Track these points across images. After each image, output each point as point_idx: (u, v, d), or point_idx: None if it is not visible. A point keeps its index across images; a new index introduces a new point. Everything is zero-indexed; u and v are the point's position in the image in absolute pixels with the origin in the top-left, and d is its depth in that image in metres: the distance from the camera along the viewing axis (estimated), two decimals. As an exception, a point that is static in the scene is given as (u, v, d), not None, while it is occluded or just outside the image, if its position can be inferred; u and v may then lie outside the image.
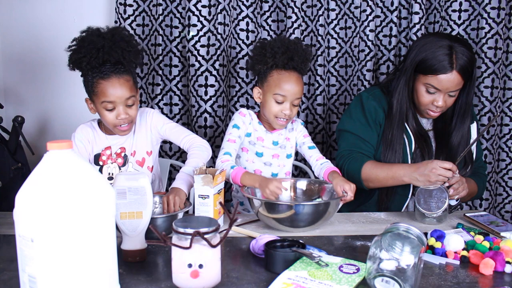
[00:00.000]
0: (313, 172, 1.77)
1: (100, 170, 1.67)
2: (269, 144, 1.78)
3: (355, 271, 1.11)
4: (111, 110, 1.58)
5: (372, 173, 1.70)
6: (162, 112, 2.28)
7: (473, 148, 1.83)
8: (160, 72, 2.26)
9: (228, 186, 2.03)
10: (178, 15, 2.22)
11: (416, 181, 1.59)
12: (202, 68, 2.19)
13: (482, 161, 1.95)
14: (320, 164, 1.71)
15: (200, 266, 1.01)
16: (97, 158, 1.67)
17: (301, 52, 1.72)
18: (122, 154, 1.69)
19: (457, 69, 1.63)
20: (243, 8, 2.22)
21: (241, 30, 2.23)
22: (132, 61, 1.61)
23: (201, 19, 2.15)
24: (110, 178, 1.66)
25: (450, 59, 1.62)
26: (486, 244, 1.28)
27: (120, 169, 1.68)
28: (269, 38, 2.25)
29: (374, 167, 1.70)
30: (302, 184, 1.66)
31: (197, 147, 1.65)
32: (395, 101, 1.76)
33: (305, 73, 1.79)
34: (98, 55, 1.56)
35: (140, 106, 1.79)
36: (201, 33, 2.16)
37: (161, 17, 2.21)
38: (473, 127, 1.81)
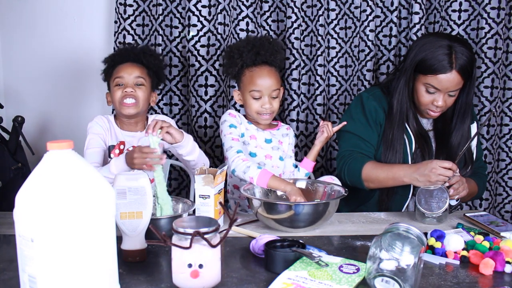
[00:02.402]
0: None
1: None
2: (262, 143, 1.79)
3: (355, 271, 1.11)
4: (120, 86, 1.74)
5: (373, 174, 1.70)
6: (162, 112, 2.29)
7: (473, 148, 1.83)
8: (160, 72, 2.26)
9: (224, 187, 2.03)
10: (178, 15, 2.22)
11: (416, 182, 1.59)
12: (202, 68, 2.19)
13: (482, 161, 1.95)
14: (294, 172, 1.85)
15: (200, 266, 1.02)
16: (109, 150, 1.73)
17: (267, 45, 1.77)
18: None
19: (457, 68, 1.63)
20: (243, 8, 2.22)
21: (241, 30, 2.23)
22: (151, 62, 1.82)
23: (201, 19, 2.15)
24: None
25: (449, 59, 1.62)
26: (486, 244, 1.28)
27: None
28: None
29: (374, 168, 1.70)
30: (301, 184, 1.66)
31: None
32: (395, 101, 1.76)
33: (277, 64, 1.84)
34: (121, 53, 1.83)
35: None
36: (201, 33, 2.16)
37: (161, 17, 2.20)
38: (473, 127, 1.81)
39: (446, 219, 1.56)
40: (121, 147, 1.73)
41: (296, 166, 1.86)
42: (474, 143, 1.83)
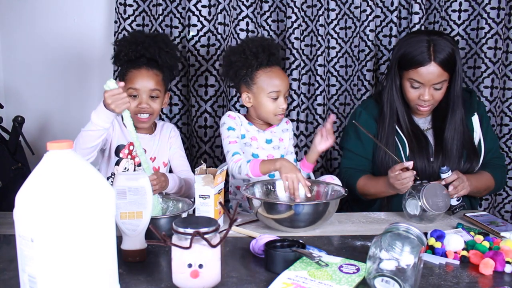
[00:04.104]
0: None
1: (118, 162, 1.73)
2: (263, 143, 1.79)
3: (355, 271, 1.11)
4: (134, 97, 1.68)
5: (365, 190, 1.78)
6: (162, 112, 2.28)
7: (477, 141, 1.80)
8: (160, 72, 2.26)
9: (226, 187, 2.03)
10: (178, 15, 2.22)
11: (397, 191, 1.62)
12: (202, 68, 2.19)
13: (497, 151, 1.90)
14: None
15: (200, 266, 1.02)
16: (119, 150, 1.72)
17: (274, 46, 1.80)
18: None
19: (436, 60, 1.65)
20: (243, 8, 2.22)
21: (241, 30, 2.23)
22: (167, 61, 1.74)
23: (201, 19, 2.15)
24: None
25: (428, 51, 1.66)
26: (486, 244, 1.28)
27: (135, 167, 1.75)
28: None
29: (365, 184, 1.78)
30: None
31: (189, 181, 1.74)
32: (385, 100, 1.79)
33: (281, 64, 1.84)
34: (137, 49, 1.70)
35: None
36: (201, 33, 2.16)
37: (161, 17, 2.20)
38: (475, 119, 1.80)
39: (441, 217, 1.56)
40: (131, 147, 1.73)
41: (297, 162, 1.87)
42: (478, 136, 1.81)
